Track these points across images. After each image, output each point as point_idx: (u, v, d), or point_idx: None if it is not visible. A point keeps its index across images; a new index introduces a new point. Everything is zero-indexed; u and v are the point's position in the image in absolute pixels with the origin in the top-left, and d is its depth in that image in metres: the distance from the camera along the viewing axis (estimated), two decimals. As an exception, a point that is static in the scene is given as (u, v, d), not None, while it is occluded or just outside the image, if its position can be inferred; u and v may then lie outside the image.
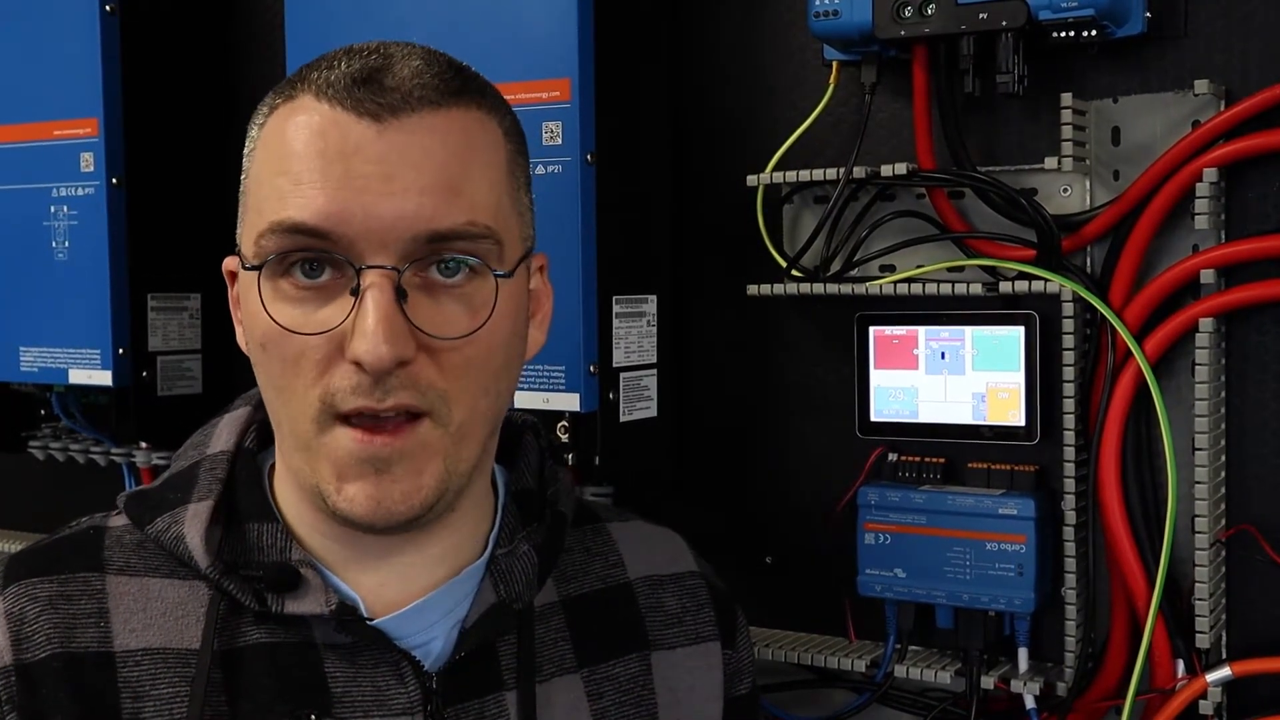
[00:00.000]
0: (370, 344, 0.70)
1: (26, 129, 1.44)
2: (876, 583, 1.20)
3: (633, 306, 1.21)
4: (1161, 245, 1.13)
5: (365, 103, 0.73)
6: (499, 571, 0.82)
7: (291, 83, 0.78)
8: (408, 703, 0.77)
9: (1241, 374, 1.12)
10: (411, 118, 0.74)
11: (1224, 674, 1.08)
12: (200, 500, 0.80)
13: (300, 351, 0.73)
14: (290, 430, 0.76)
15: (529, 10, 1.14)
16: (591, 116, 1.14)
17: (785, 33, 1.28)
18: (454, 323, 0.74)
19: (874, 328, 1.23)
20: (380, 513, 0.74)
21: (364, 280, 0.72)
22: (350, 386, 0.72)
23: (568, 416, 1.16)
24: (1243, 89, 1.09)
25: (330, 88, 0.74)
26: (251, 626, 0.77)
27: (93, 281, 1.41)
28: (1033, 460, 1.18)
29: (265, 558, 0.78)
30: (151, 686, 0.75)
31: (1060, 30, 1.09)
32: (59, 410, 1.49)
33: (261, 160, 0.77)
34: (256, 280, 0.74)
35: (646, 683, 0.87)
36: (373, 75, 0.74)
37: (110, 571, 0.79)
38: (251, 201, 0.77)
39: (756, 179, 1.24)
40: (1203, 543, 1.09)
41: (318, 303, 0.73)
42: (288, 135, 0.75)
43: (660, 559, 0.93)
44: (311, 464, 0.75)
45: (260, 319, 0.74)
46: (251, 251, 0.75)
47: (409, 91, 0.74)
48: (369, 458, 0.73)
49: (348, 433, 0.73)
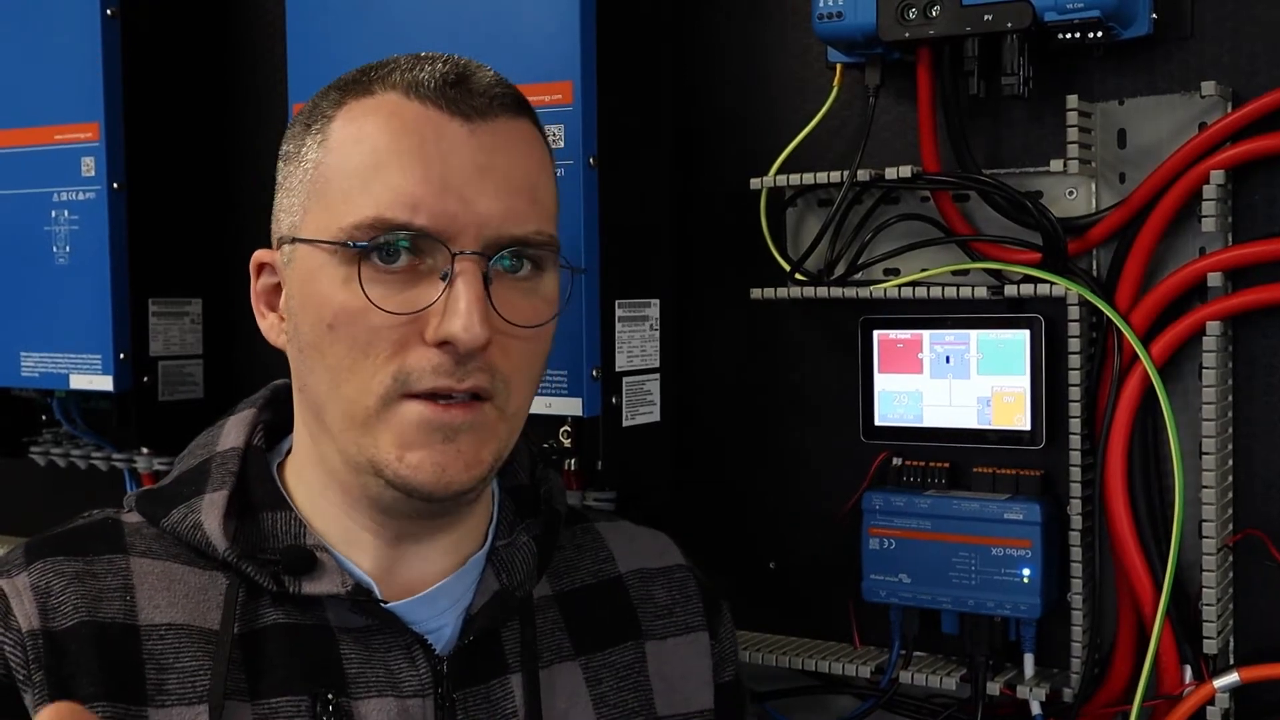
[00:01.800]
0: (465, 322, 0.75)
1: (27, 133, 1.44)
2: (881, 588, 1.19)
3: (635, 310, 1.20)
4: (1168, 248, 1.12)
5: (459, 103, 0.78)
6: (500, 561, 0.85)
7: (361, 82, 0.81)
8: (419, 684, 0.80)
9: (1249, 378, 1.11)
10: (496, 122, 0.79)
11: (1232, 680, 1.07)
12: (215, 491, 0.82)
13: (376, 331, 0.76)
14: (344, 410, 0.78)
15: (531, 13, 1.14)
16: (594, 119, 1.13)
17: (789, 35, 1.28)
18: (527, 312, 0.79)
19: (878, 331, 1.22)
20: (444, 480, 0.77)
21: (457, 265, 0.76)
22: (431, 366, 0.76)
23: (570, 421, 1.16)
24: (1250, 90, 1.08)
25: (420, 87, 0.78)
26: (269, 609, 0.80)
27: (94, 286, 1.40)
28: (1038, 465, 1.17)
29: (280, 543, 0.81)
30: (175, 660, 0.77)
31: (1066, 32, 1.08)
32: (60, 415, 1.49)
33: (343, 152, 0.79)
34: (330, 263, 0.78)
35: (641, 670, 0.90)
36: (460, 79, 0.79)
37: (134, 554, 0.81)
38: (331, 189, 0.79)
39: (760, 182, 1.24)
40: (1210, 547, 1.08)
41: (399, 286, 0.77)
42: (376, 129, 0.78)
43: (649, 554, 0.96)
44: (368, 439, 0.78)
45: (334, 299, 0.77)
46: (333, 235, 0.78)
47: (494, 97, 0.79)
48: (440, 425, 0.77)
49: (418, 405, 0.77)
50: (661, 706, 0.90)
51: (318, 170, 0.80)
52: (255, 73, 1.54)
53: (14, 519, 1.73)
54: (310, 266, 0.79)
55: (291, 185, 0.82)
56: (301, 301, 0.80)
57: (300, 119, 0.84)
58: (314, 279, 0.79)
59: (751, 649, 1.25)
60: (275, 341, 0.85)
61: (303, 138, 0.82)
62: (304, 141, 0.82)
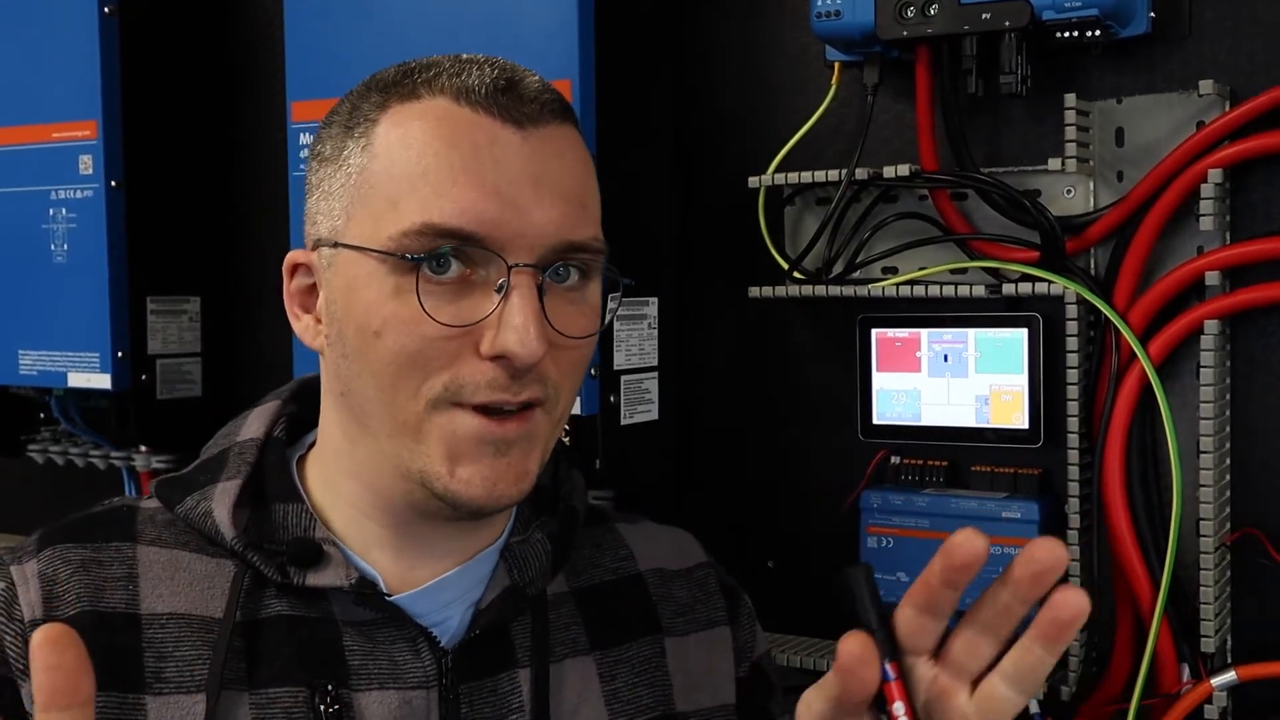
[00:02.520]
0: (522, 338, 0.74)
1: (25, 131, 1.44)
2: (879, 587, 1.19)
3: (634, 309, 1.20)
4: (1166, 247, 1.12)
5: (510, 110, 0.77)
6: (513, 557, 0.85)
7: (404, 85, 0.79)
8: (423, 677, 0.80)
9: (1246, 376, 1.11)
10: (546, 128, 0.78)
11: (1229, 678, 1.07)
12: (229, 480, 0.83)
13: (429, 341, 0.76)
14: (393, 416, 0.77)
15: (529, 11, 1.14)
16: (592, 118, 1.13)
17: (787, 34, 1.28)
18: (576, 323, 0.79)
19: (876, 330, 1.22)
20: (495, 494, 0.77)
21: (513, 279, 0.75)
22: (486, 381, 0.75)
23: (569, 420, 1.16)
24: (1248, 89, 1.09)
25: (470, 93, 0.77)
26: (274, 599, 0.80)
27: (92, 284, 1.40)
28: (1036, 463, 1.17)
29: (289, 535, 0.81)
30: (175, 648, 0.77)
31: (1064, 30, 1.08)
32: (58, 414, 1.49)
33: (391, 157, 0.78)
34: (379, 270, 0.77)
35: (660, 665, 0.89)
36: (510, 85, 0.77)
37: (142, 542, 0.82)
38: (378, 195, 0.78)
39: (758, 180, 1.24)
40: (1208, 546, 1.08)
41: (451, 297, 0.76)
42: (426, 134, 0.77)
43: (669, 555, 0.96)
44: (419, 449, 0.77)
45: (383, 307, 0.76)
46: (382, 244, 0.77)
47: (544, 104, 0.78)
48: (493, 440, 0.76)
49: (471, 417, 0.76)
50: (681, 702, 0.89)
51: (363, 175, 0.79)
52: (254, 70, 1.54)
53: (12, 517, 1.73)
54: (356, 273, 0.78)
55: (331, 188, 0.81)
56: (346, 308, 0.79)
57: (338, 120, 0.82)
58: (361, 286, 0.78)
59: (750, 647, 1.25)
60: (311, 344, 0.84)
61: (343, 140, 0.81)
62: (344, 144, 0.81)
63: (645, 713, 0.87)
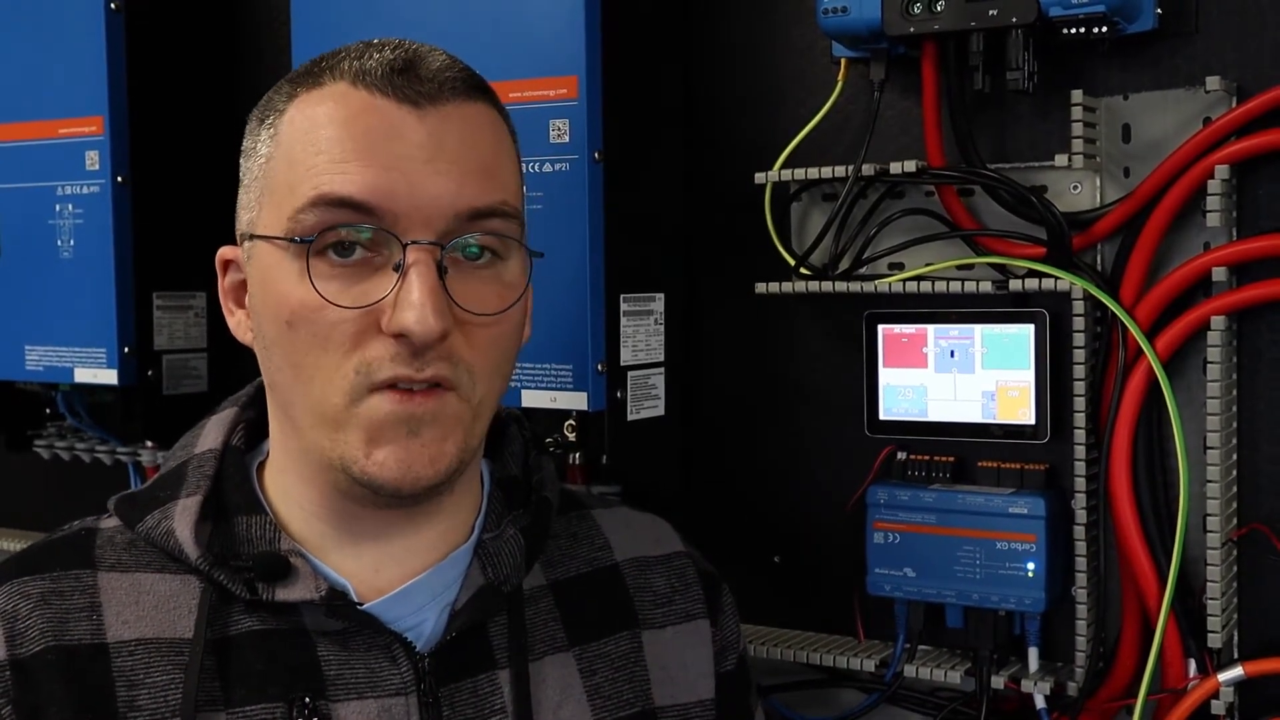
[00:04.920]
0: (419, 314, 0.74)
1: (31, 127, 1.43)
2: (886, 582, 1.19)
3: (640, 305, 1.21)
4: (1172, 243, 1.12)
5: (405, 90, 0.77)
6: (486, 555, 0.84)
7: (312, 73, 0.80)
8: (401, 683, 0.79)
9: (1253, 372, 1.11)
10: (447, 106, 0.78)
11: (1236, 674, 1.08)
12: (189, 495, 0.81)
13: (333, 326, 0.76)
14: (312, 408, 0.77)
15: (536, 8, 1.14)
16: (599, 114, 1.13)
17: (793, 30, 1.28)
18: (487, 300, 0.78)
19: (883, 326, 1.22)
20: (409, 476, 0.76)
21: (409, 256, 0.75)
22: (390, 355, 0.75)
23: (575, 415, 1.16)
24: (1255, 85, 1.08)
25: (367, 75, 0.77)
26: (243, 615, 0.79)
27: (98, 280, 1.40)
28: (1043, 459, 1.17)
29: (254, 549, 0.80)
30: (146, 675, 0.76)
31: (1071, 26, 1.08)
32: (64, 409, 1.49)
33: (291, 144, 0.78)
34: (284, 259, 0.77)
35: (638, 659, 0.89)
36: (409, 65, 0.78)
37: (102, 569, 0.80)
38: (280, 182, 0.78)
39: (764, 176, 1.24)
40: (1214, 542, 1.08)
41: (353, 280, 0.76)
42: (324, 118, 0.77)
43: (646, 542, 0.96)
44: (338, 436, 0.77)
45: (291, 296, 0.76)
46: (283, 229, 0.77)
47: (444, 82, 0.78)
48: (405, 418, 0.76)
49: (384, 396, 0.76)
50: (659, 696, 0.89)
51: (269, 164, 0.80)
52: (260, 65, 1.54)
53: (19, 512, 1.74)
54: (268, 263, 0.79)
55: (248, 181, 0.82)
56: (263, 300, 0.79)
57: (255, 114, 0.83)
58: (272, 276, 0.78)
59: (756, 643, 1.25)
60: (243, 339, 0.84)
61: (258, 132, 0.82)
62: (258, 136, 0.81)
63: (627, 708, 0.87)
